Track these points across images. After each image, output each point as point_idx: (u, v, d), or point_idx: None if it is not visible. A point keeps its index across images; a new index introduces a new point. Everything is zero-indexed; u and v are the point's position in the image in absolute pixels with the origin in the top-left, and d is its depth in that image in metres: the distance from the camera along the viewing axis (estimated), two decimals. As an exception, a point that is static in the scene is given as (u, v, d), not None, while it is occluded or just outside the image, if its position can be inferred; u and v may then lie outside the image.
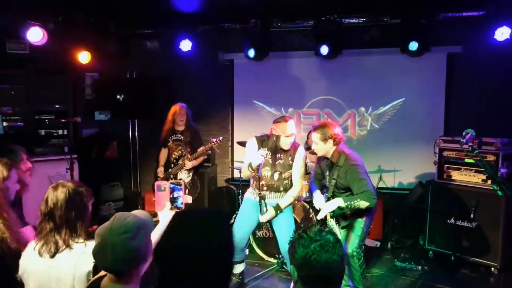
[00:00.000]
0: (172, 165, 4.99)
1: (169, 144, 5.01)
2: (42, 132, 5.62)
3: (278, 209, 3.66)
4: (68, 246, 2.01)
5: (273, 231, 3.93)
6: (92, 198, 2.18)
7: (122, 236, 1.57)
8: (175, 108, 4.95)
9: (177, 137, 4.98)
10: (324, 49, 5.46)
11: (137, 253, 1.61)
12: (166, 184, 2.32)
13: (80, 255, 2.00)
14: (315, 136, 3.48)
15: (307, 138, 5.64)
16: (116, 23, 5.89)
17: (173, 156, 4.98)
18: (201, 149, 4.76)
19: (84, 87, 6.25)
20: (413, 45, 5.17)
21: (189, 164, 4.83)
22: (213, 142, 4.54)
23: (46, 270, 1.99)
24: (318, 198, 3.66)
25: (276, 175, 3.71)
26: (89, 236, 2.04)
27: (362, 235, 3.56)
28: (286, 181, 3.74)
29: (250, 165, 3.54)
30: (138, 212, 1.75)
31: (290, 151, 3.68)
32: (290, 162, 3.70)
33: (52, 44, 5.15)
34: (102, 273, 1.70)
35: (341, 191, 3.57)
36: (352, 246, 3.51)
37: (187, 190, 4.92)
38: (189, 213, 1.36)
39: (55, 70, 5.69)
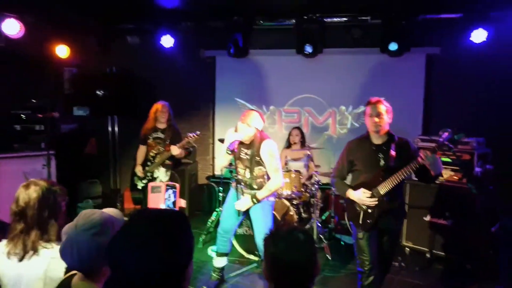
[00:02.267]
0: (149, 163, 4.87)
1: (148, 141, 4.92)
2: (18, 127, 5.49)
3: (254, 197, 3.65)
4: (35, 250, 1.94)
5: (252, 226, 3.95)
6: (66, 197, 2.10)
7: (87, 233, 1.53)
8: (157, 106, 4.89)
9: (158, 135, 4.90)
10: (307, 48, 5.51)
11: (104, 249, 1.58)
12: (161, 186, 2.28)
13: (50, 260, 1.94)
14: (381, 107, 3.12)
15: (289, 135, 5.67)
16: (96, 17, 5.79)
17: (151, 153, 4.88)
18: (182, 142, 4.64)
19: (63, 81, 6.13)
20: (393, 46, 5.30)
21: (176, 150, 4.60)
22: (190, 137, 4.49)
23: (15, 273, 1.93)
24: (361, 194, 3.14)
25: (247, 173, 3.73)
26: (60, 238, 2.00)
27: None
28: (260, 180, 3.72)
29: (227, 148, 3.56)
30: (108, 210, 1.71)
31: (255, 145, 3.62)
32: (257, 158, 3.65)
33: (29, 37, 5.03)
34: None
35: (389, 172, 3.06)
36: None
37: None
38: (147, 213, 1.25)
39: (32, 64, 5.56)
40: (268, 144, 3.61)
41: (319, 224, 5.01)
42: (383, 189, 3.05)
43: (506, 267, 2.25)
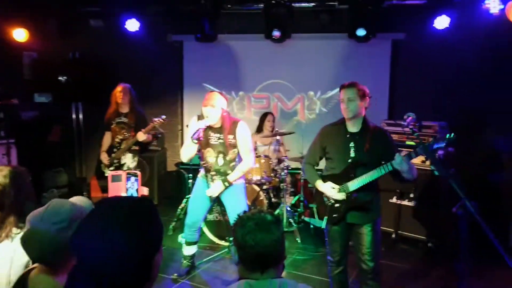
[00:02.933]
0: (115, 149, 4.75)
1: (112, 126, 4.79)
2: (-25, 115, 5.23)
3: (225, 181, 3.63)
4: (8, 236, 1.89)
5: (226, 211, 3.94)
6: (29, 177, 2.07)
7: (54, 227, 1.49)
8: (117, 88, 4.76)
9: (121, 120, 4.76)
10: (275, 33, 5.49)
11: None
12: (121, 174, 2.24)
13: (17, 246, 1.88)
14: (350, 91, 2.94)
15: (262, 121, 5.67)
16: (56, -1, 5.55)
17: (116, 139, 4.75)
18: (148, 127, 4.51)
19: (22, 67, 5.86)
20: (361, 31, 5.35)
21: (142, 136, 4.48)
22: (155, 121, 4.38)
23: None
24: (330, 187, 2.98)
25: (220, 160, 3.67)
26: None
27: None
28: (233, 164, 3.70)
29: (191, 138, 3.45)
30: (78, 199, 1.67)
31: (226, 127, 3.56)
32: (232, 140, 3.60)
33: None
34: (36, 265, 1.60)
35: (363, 169, 2.90)
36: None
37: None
38: (112, 201, 1.20)
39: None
40: (243, 125, 3.61)
41: (289, 209, 5.07)
42: (352, 185, 2.90)
43: (465, 245, 2.36)
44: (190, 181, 5.32)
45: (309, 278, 3.95)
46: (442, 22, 5.07)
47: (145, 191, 2.47)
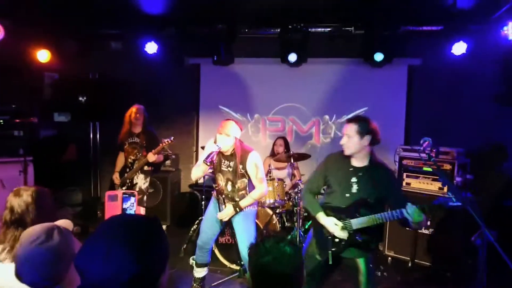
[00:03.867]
0: (128, 170, 4.78)
1: (125, 147, 4.85)
2: (-4, 132, 5.35)
3: (237, 206, 3.60)
4: None
5: (235, 235, 3.90)
6: (52, 198, 2.14)
7: (33, 244, 1.51)
8: (132, 109, 4.84)
9: (133, 140, 4.83)
10: (292, 57, 5.54)
11: (57, 252, 1.53)
12: (118, 194, 2.26)
13: None
14: (349, 127, 2.87)
15: (274, 145, 5.66)
16: (78, 22, 5.72)
17: (129, 159, 4.81)
18: (158, 148, 4.58)
19: (43, 87, 6.01)
20: (378, 56, 5.33)
21: (152, 157, 4.56)
22: (164, 143, 4.45)
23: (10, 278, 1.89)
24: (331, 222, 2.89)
25: (229, 186, 3.67)
26: None
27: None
28: (242, 192, 3.68)
29: (204, 160, 3.44)
30: (60, 222, 1.72)
31: (237, 157, 3.55)
32: (242, 170, 3.59)
33: (9, 41, 4.93)
34: None
35: (367, 208, 2.81)
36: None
37: (145, 197, 4.74)
38: (115, 221, 1.19)
39: (11, 68, 5.44)
40: (254, 155, 3.58)
41: (302, 233, 4.99)
42: (356, 224, 2.79)
43: (483, 274, 2.27)
44: (203, 202, 5.30)
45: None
46: (459, 48, 5.05)
47: (142, 211, 2.46)
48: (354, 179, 2.84)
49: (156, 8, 5.43)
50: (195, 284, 3.94)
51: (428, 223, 2.65)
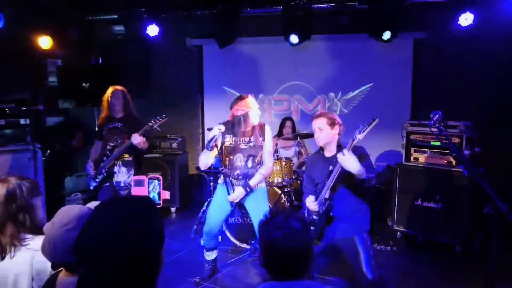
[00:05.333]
0: (105, 158, 4.19)
1: (103, 133, 4.29)
2: (2, 121, 5.35)
3: (247, 186, 3.62)
4: (14, 245, 1.94)
5: (248, 214, 3.93)
6: (38, 191, 2.10)
7: (62, 228, 1.55)
8: (109, 92, 4.28)
9: (114, 125, 4.26)
10: (294, 37, 5.45)
11: None
12: (144, 180, 2.27)
13: (34, 252, 1.93)
14: (319, 122, 3.15)
15: (282, 126, 5.63)
16: (78, 7, 5.65)
17: (107, 146, 4.20)
18: (144, 128, 3.99)
19: (46, 74, 5.99)
20: (386, 35, 5.20)
21: (137, 138, 3.94)
22: (156, 121, 3.94)
23: (1, 270, 1.92)
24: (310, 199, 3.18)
25: (250, 162, 3.66)
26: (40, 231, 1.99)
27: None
28: (259, 166, 3.71)
29: (206, 146, 3.47)
30: (92, 204, 1.71)
31: (257, 130, 3.64)
32: (262, 143, 3.64)
33: (10, 29, 4.89)
34: None
35: (341, 186, 3.10)
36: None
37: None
38: (112, 201, 1.26)
39: (14, 56, 5.41)
40: (269, 128, 3.73)
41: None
42: (324, 191, 3.03)
43: (495, 248, 2.28)
44: (211, 184, 5.33)
45: (331, 281, 3.88)
46: (466, 19, 4.94)
47: (167, 195, 2.48)
48: (330, 167, 3.05)
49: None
50: (207, 265, 3.99)
51: (359, 168, 2.78)
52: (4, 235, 1.95)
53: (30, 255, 1.93)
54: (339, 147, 3.12)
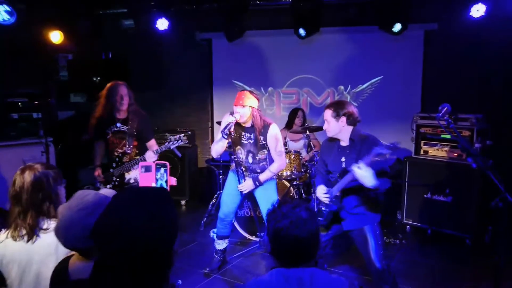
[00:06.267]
0: (115, 164, 3.89)
1: (108, 137, 3.89)
2: (15, 115, 5.45)
3: (256, 180, 3.67)
4: (33, 229, 1.96)
5: (257, 207, 3.97)
6: (61, 180, 2.11)
7: (79, 213, 1.55)
8: (112, 87, 3.80)
9: (118, 128, 3.85)
10: (303, 30, 5.43)
11: None
12: (151, 165, 2.29)
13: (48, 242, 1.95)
14: (326, 113, 3.10)
15: (295, 117, 5.61)
16: (88, 1, 5.70)
17: (115, 153, 3.88)
18: (162, 148, 3.66)
19: (58, 68, 6.06)
20: (397, 27, 5.15)
21: (152, 157, 3.67)
22: (172, 140, 3.55)
23: (25, 254, 1.95)
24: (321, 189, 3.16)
25: (250, 158, 3.72)
26: None
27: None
28: (263, 163, 3.73)
29: (221, 132, 3.48)
30: (105, 191, 1.73)
31: (257, 128, 3.59)
32: (263, 142, 3.63)
33: (22, 24, 4.95)
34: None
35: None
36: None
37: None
38: (130, 191, 1.28)
39: (26, 51, 5.49)
40: (275, 128, 3.63)
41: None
42: (335, 188, 3.03)
43: (504, 241, 2.27)
44: (221, 177, 5.37)
45: (339, 273, 3.90)
46: (478, 10, 4.85)
47: (173, 181, 2.52)
48: (343, 158, 3.06)
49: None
50: (216, 256, 4.04)
51: (376, 181, 2.74)
52: (26, 221, 1.96)
53: (56, 240, 1.97)
54: (352, 140, 3.04)
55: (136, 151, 3.92)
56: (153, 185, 2.22)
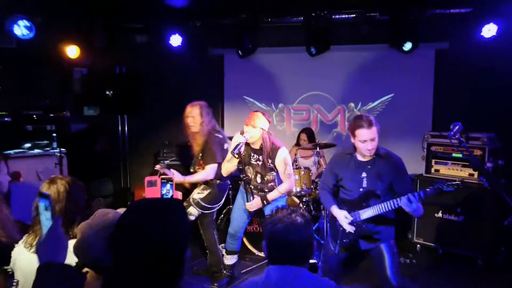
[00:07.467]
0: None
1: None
2: (30, 127, 5.55)
3: (264, 199, 3.68)
4: None
5: (263, 224, 3.97)
6: (85, 192, 2.17)
7: (100, 233, 1.57)
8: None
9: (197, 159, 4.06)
10: (314, 46, 5.50)
11: None
12: (157, 180, 2.32)
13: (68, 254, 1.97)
14: (374, 131, 2.90)
15: (299, 138, 5.67)
16: (104, 16, 5.83)
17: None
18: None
19: (72, 82, 6.18)
20: (407, 45, 5.21)
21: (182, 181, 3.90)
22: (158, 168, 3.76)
23: (31, 267, 1.96)
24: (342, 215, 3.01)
25: (258, 178, 3.74)
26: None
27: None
28: (271, 184, 3.74)
29: (232, 151, 3.49)
30: (122, 210, 1.75)
31: (266, 151, 3.60)
32: (271, 165, 3.64)
33: (39, 38, 5.08)
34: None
35: (375, 199, 2.96)
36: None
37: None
38: (143, 201, 1.33)
39: (42, 64, 5.62)
40: (283, 152, 3.62)
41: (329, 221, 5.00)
42: (363, 215, 2.95)
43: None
44: (230, 192, 5.37)
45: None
46: (490, 30, 4.88)
47: (179, 195, 2.58)
48: (363, 174, 2.97)
49: (179, 1, 5.49)
50: (225, 271, 4.02)
51: (422, 210, 2.77)
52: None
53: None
54: (376, 156, 2.95)
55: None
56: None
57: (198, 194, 4.01)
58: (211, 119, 4.04)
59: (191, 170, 4.07)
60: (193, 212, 3.97)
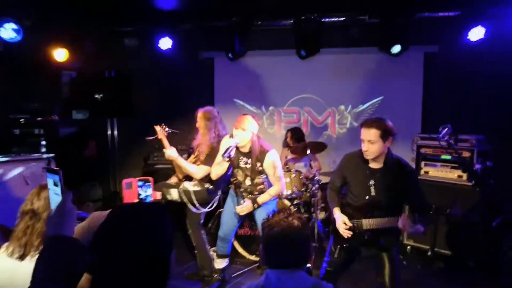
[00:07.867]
0: None
1: None
2: (17, 131, 5.46)
3: (255, 202, 3.66)
4: (36, 250, 1.92)
5: (254, 227, 3.96)
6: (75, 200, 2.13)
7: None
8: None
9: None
10: (304, 49, 5.51)
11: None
12: (133, 182, 2.29)
13: None
14: (371, 133, 2.76)
15: (286, 137, 5.69)
16: (93, 19, 5.79)
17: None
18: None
19: (61, 85, 6.12)
20: (396, 48, 5.25)
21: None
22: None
23: (12, 271, 1.91)
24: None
25: (248, 181, 3.73)
26: None
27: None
28: (261, 186, 3.73)
29: (222, 155, 3.46)
30: None
31: (254, 154, 3.59)
32: (260, 168, 3.64)
33: (27, 41, 5.02)
34: None
35: (381, 210, 2.86)
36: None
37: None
38: (126, 204, 1.33)
39: (30, 67, 5.55)
40: (272, 155, 3.60)
41: (321, 224, 5.00)
42: (367, 226, 2.88)
43: (508, 262, 2.26)
44: (221, 195, 5.34)
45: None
46: (477, 33, 4.94)
47: (158, 195, 2.58)
48: (372, 182, 2.86)
49: (169, 4, 5.47)
50: (215, 275, 3.99)
51: (422, 229, 2.76)
52: (36, 239, 1.93)
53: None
54: (387, 159, 2.83)
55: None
56: (136, 200, 2.22)
57: (192, 187, 3.95)
58: (216, 125, 4.05)
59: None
60: (174, 196, 3.86)
